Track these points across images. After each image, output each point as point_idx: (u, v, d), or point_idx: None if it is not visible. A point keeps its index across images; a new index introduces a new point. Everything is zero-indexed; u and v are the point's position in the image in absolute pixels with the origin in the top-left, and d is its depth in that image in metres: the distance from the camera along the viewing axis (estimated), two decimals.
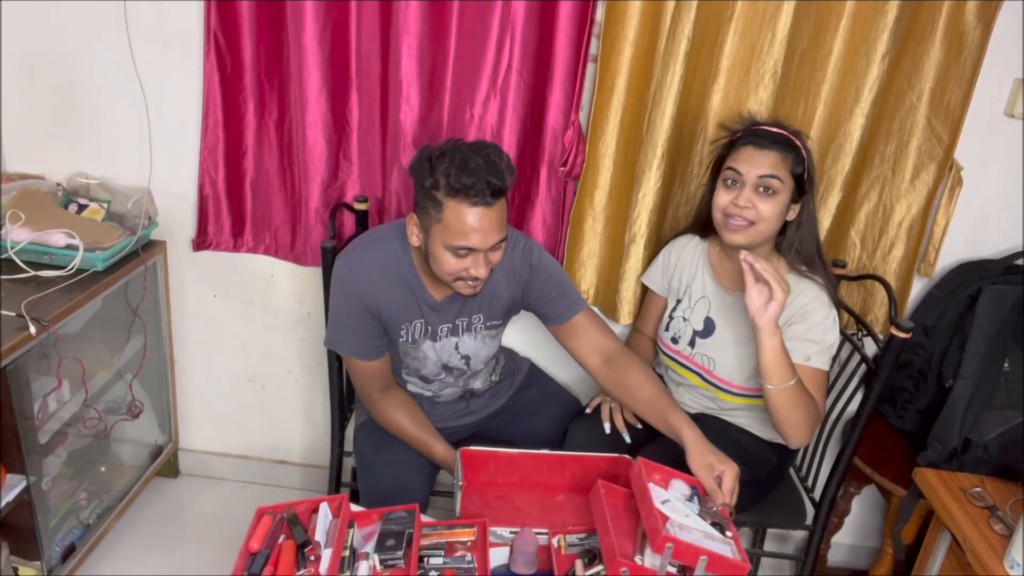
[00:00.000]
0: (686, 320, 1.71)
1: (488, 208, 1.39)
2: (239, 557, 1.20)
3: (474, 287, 1.49)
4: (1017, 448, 1.62)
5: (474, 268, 1.44)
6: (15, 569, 1.73)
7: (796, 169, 1.51)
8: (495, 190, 1.38)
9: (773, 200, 1.51)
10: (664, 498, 1.31)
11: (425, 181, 1.41)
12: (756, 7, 1.66)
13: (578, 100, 1.78)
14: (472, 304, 1.62)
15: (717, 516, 1.30)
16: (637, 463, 1.37)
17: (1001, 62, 1.69)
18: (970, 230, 1.86)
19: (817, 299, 1.54)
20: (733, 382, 1.65)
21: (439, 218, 1.41)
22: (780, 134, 1.53)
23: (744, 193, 1.51)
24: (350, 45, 1.78)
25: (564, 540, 1.35)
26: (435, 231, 1.42)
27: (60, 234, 1.80)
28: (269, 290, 2.12)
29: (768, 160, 1.50)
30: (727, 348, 1.64)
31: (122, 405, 2.09)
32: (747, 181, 1.51)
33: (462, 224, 1.39)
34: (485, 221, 1.40)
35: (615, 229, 1.88)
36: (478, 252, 1.43)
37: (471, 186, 1.36)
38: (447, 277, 1.48)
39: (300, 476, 2.35)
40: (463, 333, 1.65)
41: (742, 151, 1.53)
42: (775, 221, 1.53)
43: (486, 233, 1.40)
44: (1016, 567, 1.35)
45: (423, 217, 1.45)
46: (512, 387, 1.86)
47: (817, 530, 1.72)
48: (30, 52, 1.91)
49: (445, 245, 1.42)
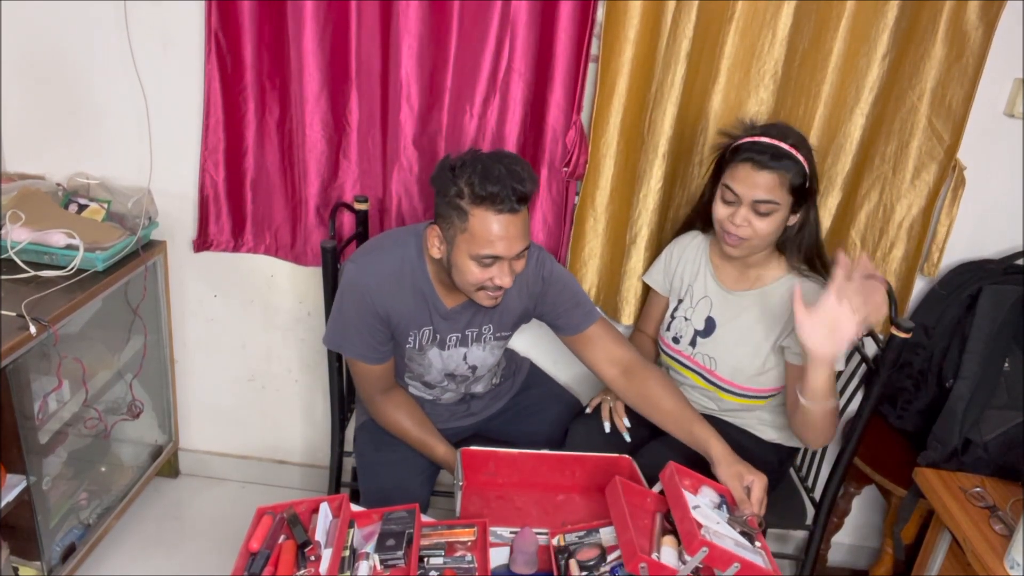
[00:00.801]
0: (687, 320, 1.71)
1: (514, 215, 1.39)
2: (239, 557, 1.19)
3: (496, 298, 1.48)
4: (1017, 448, 1.62)
5: (499, 277, 1.43)
6: (15, 569, 1.73)
7: (796, 182, 1.49)
8: (520, 197, 1.38)
9: (769, 219, 1.51)
10: (694, 504, 1.31)
11: (449, 190, 1.39)
12: (756, 7, 1.67)
13: (579, 100, 1.78)
14: (483, 315, 1.60)
15: (746, 525, 1.30)
16: (669, 467, 1.36)
17: (1002, 62, 1.69)
18: (970, 230, 1.85)
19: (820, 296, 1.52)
20: (734, 382, 1.64)
21: (464, 227, 1.39)
22: (780, 149, 1.49)
23: (740, 212, 1.51)
24: (350, 45, 1.78)
25: (564, 540, 1.35)
26: (459, 241, 1.41)
27: (60, 234, 1.80)
28: (269, 290, 2.12)
29: (765, 182, 1.48)
30: (728, 348, 1.64)
31: (122, 405, 2.09)
32: (743, 202, 1.50)
33: (488, 232, 1.38)
34: (511, 229, 1.39)
35: (617, 229, 1.89)
36: (503, 261, 1.42)
37: (497, 193, 1.35)
38: (470, 288, 1.46)
39: (300, 476, 2.35)
40: (472, 343, 1.63)
41: (740, 169, 1.51)
42: (773, 235, 1.54)
43: (512, 241, 1.40)
44: (1016, 567, 1.35)
45: (446, 228, 1.43)
46: (513, 388, 1.86)
47: (817, 530, 1.72)
48: (30, 52, 1.91)
49: (470, 255, 1.41)
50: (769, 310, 1.61)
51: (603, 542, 1.32)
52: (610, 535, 1.32)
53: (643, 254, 1.86)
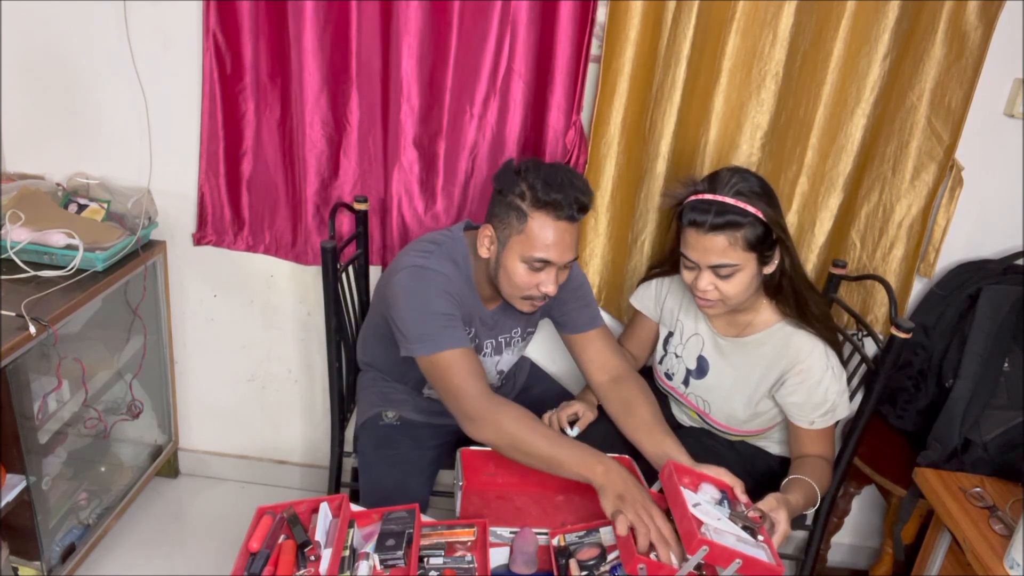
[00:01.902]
0: (679, 357, 1.65)
1: (571, 224, 1.41)
2: (239, 557, 1.19)
3: (535, 306, 1.50)
4: (1017, 448, 1.62)
5: (545, 285, 1.45)
6: (15, 569, 1.73)
7: (752, 237, 1.37)
8: (581, 207, 1.41)
9: (735, 280, 1.41)
10: (695, 501, 1.30)
11: (514, 189, 1.42)
12: (757, 7, 1.66)
13: (580, 101, 1.78)
14: (512, 319, 1.61)
15: (748, 520, 1.30)
16: (668, 466, 1.35)
17: (1001, 62, 1.69)
18: (970, 230, 1.86)
19: (813, 353, 1.47)
20: (729, 426, 1.61)
21: (521, 229, 1.41)
22: (724, 205, 1.36)
23: (703, 277, 1.42)
24: (350, 45, 1.77)
25: (564, 540, 1.35)
26: (513, 242, 1.43)
27: (60, 234, 1.80)
28: (269, 290, 2.12)
29: (715, 247, 1.38)
30: (722, 395, 1.59)
31: (122, 405, 2.09)
32: (701, 267, 1.42)
33: (545, 237, 1.40)
34: (567, 237, 1.42)
35: (619, 229, 1.89)
36: (552, 268, 1.44)
37: (560, 200, 1.38)
38: (515, 291, 1.47)
39: (300, 476, 2.35)
40: (504, 350, 1.65)
41: (688, 234, 1.41)
42: (745, 292, 1.43)
43: (565, 249, 1.42)
44: (1016, 567, 1.35)
45: (501, 228, 1.45)
46: (515, 389, 1.86)
47: (817, 530, 1.72)
48: (30, 52, 1.91)
49: (522, 257, 1.42)
50: (763, 358, 1.53)
51: (603, 542, 1.32)
52: (609, 535, 1.32)
53: (645, 253, 1.86)
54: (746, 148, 1.76)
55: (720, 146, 1.77)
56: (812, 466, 1.50)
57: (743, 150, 1.76)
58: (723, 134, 1.76)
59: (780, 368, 1.50)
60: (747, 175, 1.41)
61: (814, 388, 1.47)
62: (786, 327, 1.51)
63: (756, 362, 1.54)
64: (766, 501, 1.33)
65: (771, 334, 1.52)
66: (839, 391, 1.49)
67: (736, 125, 1.75)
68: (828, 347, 1.49)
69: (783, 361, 1.50)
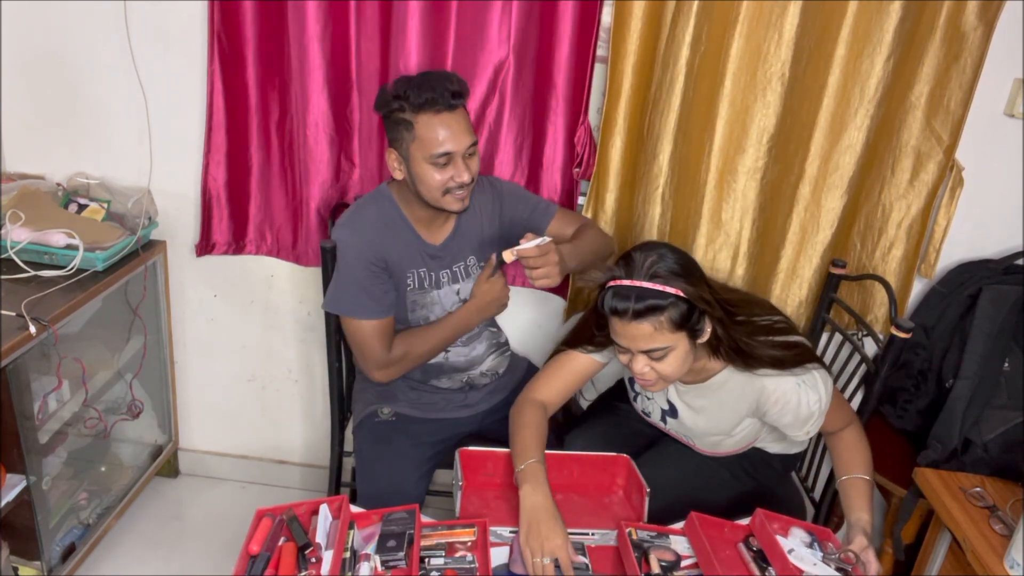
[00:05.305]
0: (650, 399, 1.60)
1: (453, 112, 1.51)
2: (239, 560, 1.19)
3: (462, 199, 1.56)
4: (1017, 448, 1.62)
5: (457, 175, 1.52)
6: (15, 569, 1.73)
7: (677, 317, 1.30)
8: (453, 93, 1.50)
9: (668, 359, 1.34)
10: (788, 547, 1.32)
11: (392, 106, 1.52)
12: (762, 8, 1.65)
13: (587, 102, 1.78)
14: (465, 248, 1.69)
15: (841, 563, 1.31)
16: (758, 515, 1.35)
17: (1001, 62, 1.69)
18: (970, 230, 1.85)
19: (778, 381, 1.41)
20: (717, 451, 1.59)
21: (413, 136, 1.51)
22: (641, 290, 1.29)
23: (637, 360, 1.35)
24: (351, 45, 1.78)
25: (636, 535, 1.36)
26: (413, 150, 1.52)
27: (60, 234, 1.80)
28: (269, 290, 2.12)
29: (641, 334, 1.31)
30: (700, 433, 1.56)
31: (122, 405, 2.09)
32: (633, 352, 1.35)
33: (435, 132, 1.50)
34: (454, 124, 1.51)
35: (624, 229, 1.89)
36: (456, 156, 1.52)
37: (433, 96, 1.48)
38: (435, 193, 1.54)
39: (300, 476, 2.35)
40: (463, 280, 1.69)
41: (613, 322, 1.34)
42: (684, 364, 1.37)
43: (458, 135, 1.51)
44: (1016, 567, 1.35)
45: (400, 146, 1.54)
46: (510, 385, 1.86)
47: None
48: (30, 52, 1.91)
49: (426, 159, 1.51)
50: (730, 394, 1.48)
51: (674, 548, 1.35)
52: (683, 544, 1.36)
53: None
54: (752, 153, 1.75)
55: (726, 152, 1.75)
56: (847, 448, 1.50)
57: (748, 155, 1.75)
58: (729, 139, 1.74)
59: (751, 399, 1.46)
60: (663, 252, 1.34)
61: (796, 408, 1.42)
62: (735, 372, 1.45)
63: (724, 399, 1.49)
64: (857, 541, 1.34)
65: (729, 374, 1.47)
66: (820, 393, 1.42)
67: (742, 129, 1.74)
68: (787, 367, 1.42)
69: (751, 393, 1.45)
